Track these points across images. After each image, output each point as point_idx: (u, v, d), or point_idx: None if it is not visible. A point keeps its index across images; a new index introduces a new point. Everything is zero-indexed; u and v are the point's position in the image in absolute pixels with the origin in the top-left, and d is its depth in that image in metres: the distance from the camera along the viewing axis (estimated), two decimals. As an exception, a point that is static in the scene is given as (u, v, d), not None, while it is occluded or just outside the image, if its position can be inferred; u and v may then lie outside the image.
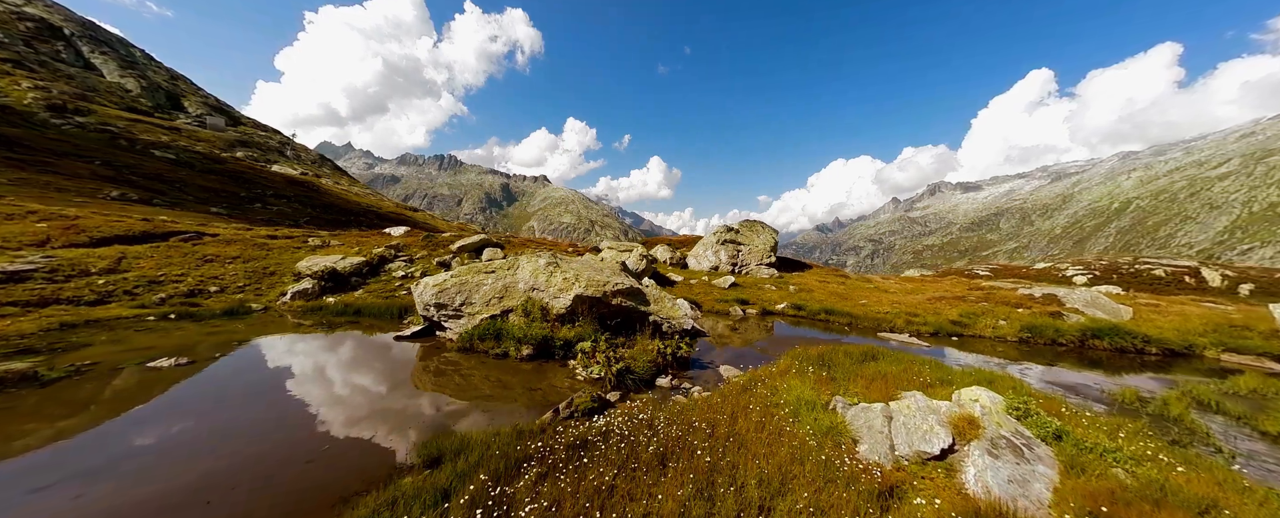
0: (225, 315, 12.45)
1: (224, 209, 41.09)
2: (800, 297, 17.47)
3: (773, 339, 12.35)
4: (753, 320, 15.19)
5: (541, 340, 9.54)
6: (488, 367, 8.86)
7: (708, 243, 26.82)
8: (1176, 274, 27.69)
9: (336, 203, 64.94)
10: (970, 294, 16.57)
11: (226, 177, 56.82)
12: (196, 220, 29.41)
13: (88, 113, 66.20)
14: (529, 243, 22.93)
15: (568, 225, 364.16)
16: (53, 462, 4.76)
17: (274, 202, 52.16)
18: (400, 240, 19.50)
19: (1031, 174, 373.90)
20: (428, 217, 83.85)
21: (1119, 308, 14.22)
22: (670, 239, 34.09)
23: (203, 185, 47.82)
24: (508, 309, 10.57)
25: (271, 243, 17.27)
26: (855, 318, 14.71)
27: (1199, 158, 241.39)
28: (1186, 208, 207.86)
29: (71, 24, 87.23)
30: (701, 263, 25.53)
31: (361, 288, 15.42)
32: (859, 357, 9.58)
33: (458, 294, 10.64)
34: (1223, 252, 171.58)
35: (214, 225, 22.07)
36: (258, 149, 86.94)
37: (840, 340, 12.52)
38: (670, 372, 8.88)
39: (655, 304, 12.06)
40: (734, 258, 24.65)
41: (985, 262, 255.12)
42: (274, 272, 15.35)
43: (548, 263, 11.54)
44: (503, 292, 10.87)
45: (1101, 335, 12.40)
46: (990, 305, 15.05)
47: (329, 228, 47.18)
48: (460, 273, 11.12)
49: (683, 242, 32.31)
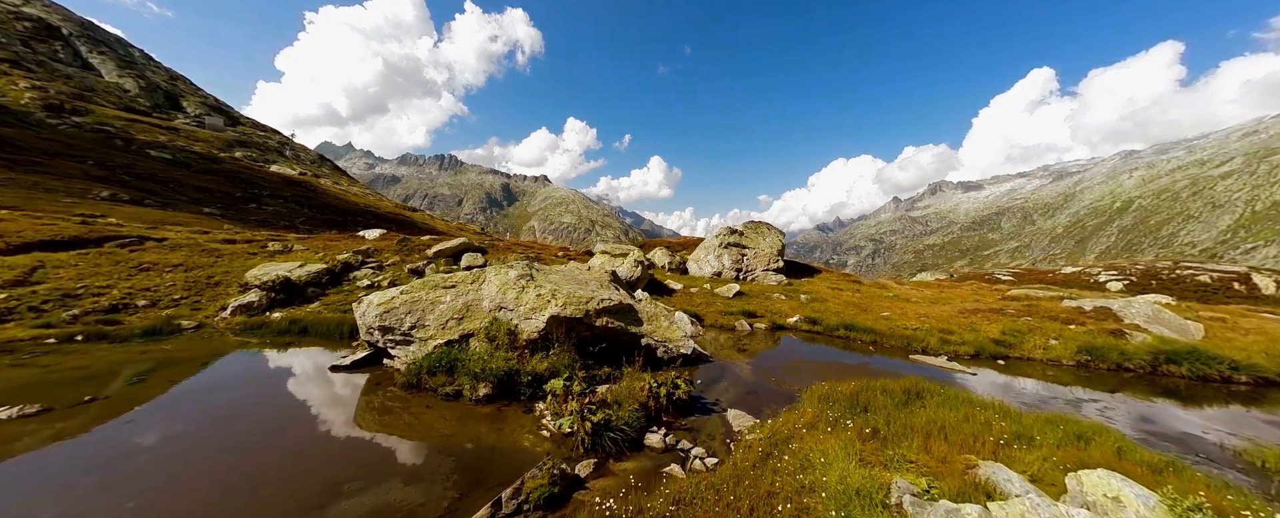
0: (146, 336, 10.45)
1: (218, 210, 39.36)
2: (814, 308, 15.38)
3: (788, 365, 10.27)
4: (762, 337, 13.11)
5: (504, 376, 7.50)
6: (432, 412, 6.83)
7: (710, 246, 24.61)
8: (1224, 280, 25.22)
9: (335, 203, 63.17)
10: (1008, 307, 14.46)
11: (223, 177, 55.09)
12: (190, 220, 27.60)
13: (85, 113, 64.63)
14: (516, 246, 20.93)
15: (568, 225, 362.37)
16: None
17: (270, 202, 50.40)
18: (373, 244, 17.50)
19: (1033, 173, 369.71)
20: (427, 217, 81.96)
21: (1186, 324, 12.12)
22: (669, 242, 31.83)
23: (198, 186, 46.10)
24: (468, 334, 8.53)
25: (225, 248, 15.28)
26: (879, 335, 12.60)
27: (1201, 157, 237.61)
28: (1189, 207, 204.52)
29: (70, 24, 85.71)
30: (703, 268, 23.67)
31: (319, 299, 13.42)
32: (901, 396, 7.51)
33: (407, 315, 8.61)
34: (1226, 251, 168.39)
35: (193, 227, 20.11)
36: (257, 149, 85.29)
37: (867, 365, 10.44)
38: (664, 419, 6.84)
39: (649, 323, 10.02)
40: (738, 263, 22.51)
41: (987, 261, 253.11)
42: (219, 282, 13.36)
43: (520, 275, 9.48)
44: (463, 311, 8.83)
45: (1178, 360, 10.29)
46: (1035, 321, 12.93)
47: (325, 228, 45.33)
48: (413, 288, 9.09)
49: (683, 244, 30.04)
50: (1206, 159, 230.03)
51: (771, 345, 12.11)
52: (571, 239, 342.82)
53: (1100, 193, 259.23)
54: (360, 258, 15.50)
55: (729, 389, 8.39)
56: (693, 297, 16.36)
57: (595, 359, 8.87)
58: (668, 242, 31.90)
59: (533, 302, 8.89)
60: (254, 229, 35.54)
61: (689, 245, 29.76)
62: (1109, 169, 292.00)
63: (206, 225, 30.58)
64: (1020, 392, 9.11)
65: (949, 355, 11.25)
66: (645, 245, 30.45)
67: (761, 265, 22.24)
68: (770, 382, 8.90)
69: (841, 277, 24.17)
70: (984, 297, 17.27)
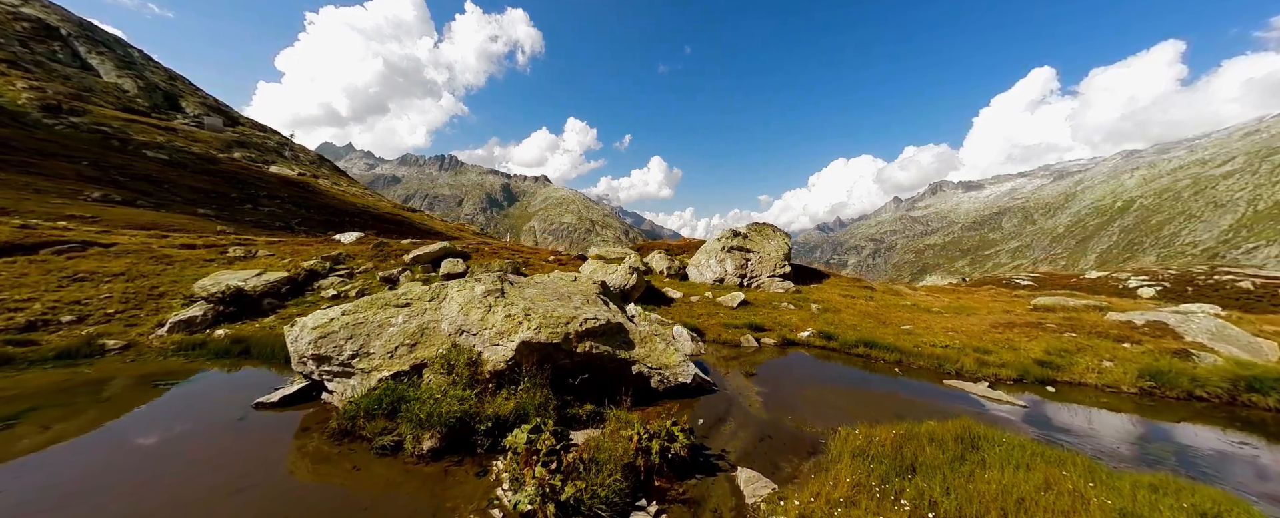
0: (61, 359, 8.91)
1: (213, 210, 38.12)
2: (827, 320, 13.74)
3: (807, 394, 8.64)
4: (771, 355, 11.48)
5: (457, 423, 5.92)
6: (360, 474, 5.25)
7: (711, 250, 22.58)
8: (1269, 287, 23.02)
9: (332, 203, 61.81)
10: (1045, 320, 12.78)
11: (219, 177, 53.78)
12: (184, 222, 26.21)
13: (83, 113, 63.46)
14: (504, 250, 19.33)
15: (569, 225, 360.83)
16: None
17: (267, 202, 49.06)
18: (347, 249, 15.94)
19: (1033, 173, 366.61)
20: (425, 217, 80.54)
21: (1257, 342, 10.48)
22: (669, 244, 30.00)
23: (193, 186, 44.81)
24: (421, 364, 6.95)
25: (180, 254, 13.72)
26: (905, 354, 10.96)
27: (1203, 156, 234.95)
28: (1191, 206, 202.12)
29: (69, 24, 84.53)
30: (704, 274, 21.85)
31: (276, 312, 11.86)
32: (954, 447, 5.89)
33: (348, 341, 7.03)
34: (1228, 250, 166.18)
35: (174, 229, 18.57)
36: (256, 149, 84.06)
37: (897, 394, 8.81)
38: (656, 485, 5.25)
39: (642, 346, 8.41)
40: (742, 268, 20.84)
41: (988, 260, 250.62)
42: (164, 293, 11.81)
43: (488, 291, 7.88)
44: (417, 336, 7.24)
45: (1263, 388, 8.63)
46: (1081, 338, 11.30)
47: (321, 229, 43.94)
48: (360, 307, 7.49)
49: (683, 247, 28.46)
50: (1208, 158, 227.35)
51: (784, 367, 10.48)
52: (572, 239, 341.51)
53: (1101, 192, 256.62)
54: (328, 264, 13.94)
55: (738, 433, 6.76)
56: (693, 307, 14.74)
57: (576, 394, 7.27)
58: (667, 244, 30.04)
59: (501, 324, 7.29)
60: (251, 230, 34.10)
61: (689, 248, 28.30)
62: (1110, 169, 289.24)
63: (200, 227, 29.25)
64: (1089, 433, 7.46)
65: (989, 381, 9.62)
66: (643, 248, 28.51)
67: (767, 271, 20.55)
68: (787, 421, 7.28)
69: (852, 282, 22.46)
70: (1014, 307, 15.55)
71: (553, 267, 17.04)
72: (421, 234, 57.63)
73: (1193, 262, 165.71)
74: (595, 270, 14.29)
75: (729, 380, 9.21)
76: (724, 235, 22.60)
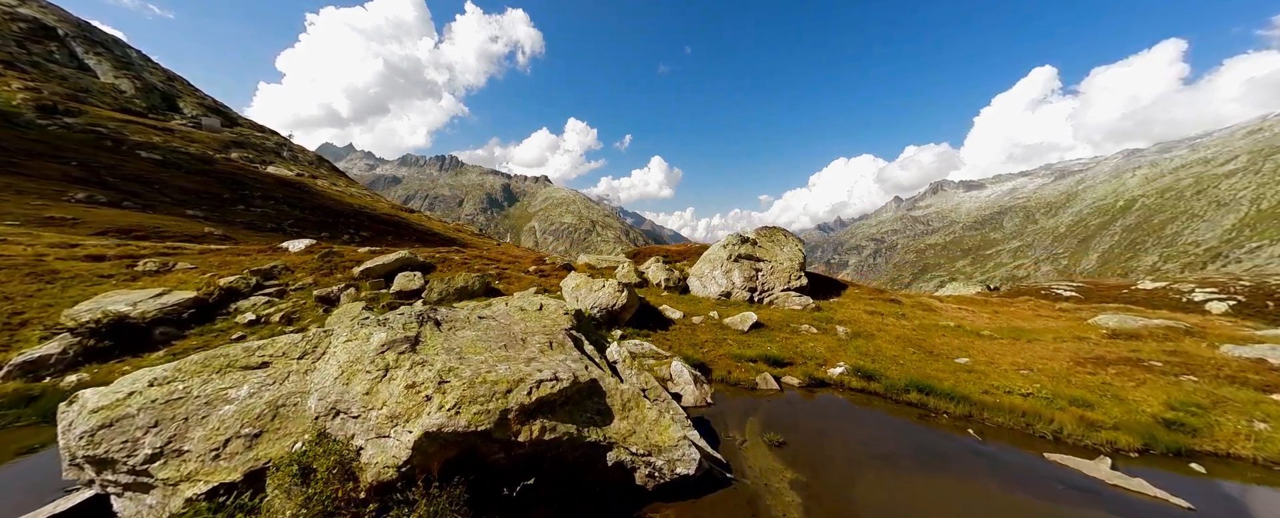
0: None
1: (202, 211, 35.80)
2: (860, 349, 10.93)
3: (863, 485, 5.84)
4: (799, 404, 8.70)
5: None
6: None
7: (716, 259, 18.79)
8: None
9: (328, 204, 59.38)
10: (1141, 352, 9.83)
11: (213, 178, 51.42)
12: (170, 224, 23.66)
13: (79, 113, 61.30)
14: (479, 259, 16.47)
15: (569, 226, 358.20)
16: None
17: (260, 203, 46.65)
18: (289, 260, 13.23)
19: (1035, 172, 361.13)
20: (423, 218, 78.10)
21: None
22: (668, 250, 26.61)
23: (185, 187, 42.44)
24: (258, 469, 4.24)
25: (70, 268, 11.03)
26: (975, 405, 8.13)
27: (1205, 155, 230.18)
28: (1193, 206, 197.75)
29: (66, 25, 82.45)
30: (708, 287, 18.01)
31: (171, 344, 9.17)
32: None
33: (151, 430, 4.33)
34: (1231, 250, 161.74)
35: (147, 231, 15.97)
36: (254, 150, 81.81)
37: (990, 485, 6.00)
38: None
39: (625, 416, 5.66)
40: (751, 280, 17.63)
41: (989, 260, 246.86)
42: (29, 320, 9.13)
43: (389, 342, 5.10)
44: (266, 419, 4.53)
45: None
46: (1206, 383, 8.42)
47: (315, 230, 41.44)
48: (183, 371, 4.75)
49: (683, 253, 25.18)
50: (1210, 158, 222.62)
51: (818, 427, 7.66)
52: (572, 239, 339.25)
53: (1103, 192, 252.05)
54: (255, 281, 11.23)
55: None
56: (696, 330, 11.95)
57: (514, 508, 4.53)
58: (666, 249, 26.73)
59: (399, 399, 4.55)
60: (241, 231, 31.55)
61: (690, 255, 24.83)
62: (1112, 168, 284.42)
63: (187, 228, 26.86)
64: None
65: (1106, 453, 6.80)
66: (640, 254, 24.68)
67: (780, 283, 17.27)
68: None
69: (875, 294, 19.42)
70: (1083, 331, 12.55)
71: (532, 279, 14.13)
72: (417, 236, 55.08)
73: (1196, 261, 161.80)
74: (578, 288, 11.40)
75: (748, 458, 6.41)
76: (730, 241, 19.54)
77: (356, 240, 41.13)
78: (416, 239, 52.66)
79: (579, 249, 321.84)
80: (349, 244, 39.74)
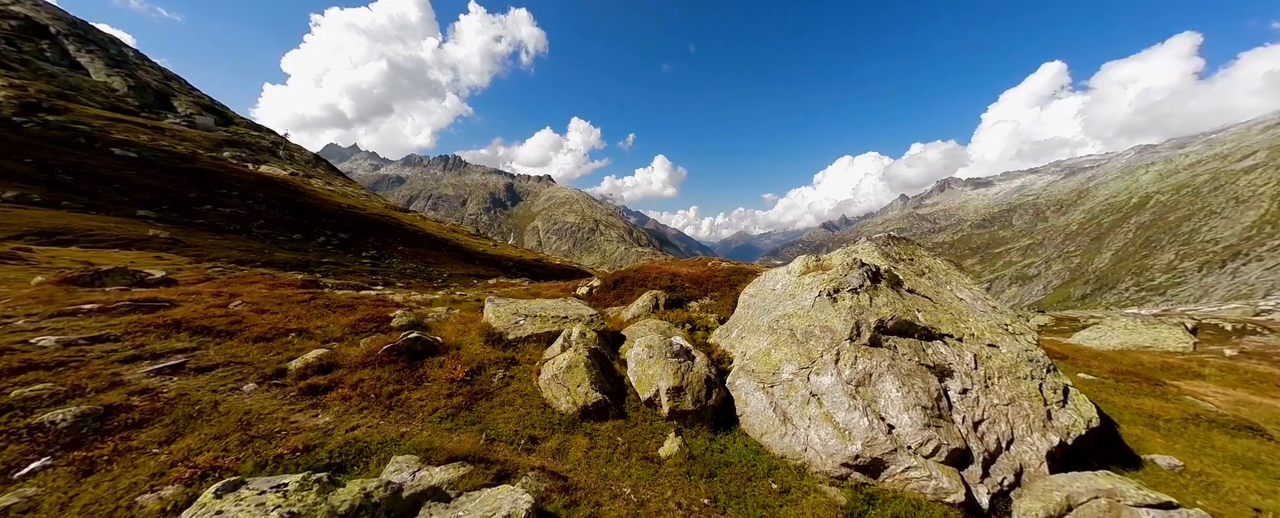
0: None
1: (157, 212, 33.61)
2: None
3: None
4: None
5: None
6: None
7: (802, 315, 7.75)
8: None
9: (316, 204, 57.29)
10: None
11: (189, 177, 49.39)
12: (105, 225, 21.33)
13: (63, 111, 59.72)
14: None
15: (572, 225, 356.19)
16: None
17: (232, 203, 44.46)
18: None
19: (1044, 169, 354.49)
20: (417, 218, 75.92)
21: None
22: (674, 273, 14.11)
23: (152, 186, 40.37)
24: None
25: None
26: None
27: (1222, 150, 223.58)
28: (1210, 202, 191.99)
29: (59, 23, 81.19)
30: (800, 423, 6.29)
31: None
32: None
33: None
34: (1252, 248, 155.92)
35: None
36: (248, 149, 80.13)
37: None
38: None
39: None
40: (937, 408, 6.37)
41: (998, 259, 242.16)
42: None
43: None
44: None
45: None
46: None
47: (285, 231, 39.22)
48: None
49: (702, 278, 13.56)
50: (1227, 153, 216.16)
51: None
52: (575, 239, 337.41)
53: (1116, 188, 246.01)
54: None
55: None
56: None
57: None
58: (672, 271, 14.32)
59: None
60: (196, 234, 29.32)
61: (715, 283, 13.14)
62: (1124, 164, 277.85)
63: (125, 230, 24.69)
64: None
65: None
66: (625, 283, 13.78)
67: (1022, 424, 6.62)
68: None
69: (1129, 381, 12.47)
70: None
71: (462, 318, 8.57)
72: (404, 238, 52.83)
73: (1214, 259, 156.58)
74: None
75: None
76: (829, 266, 9.09)
77: (333, 242, 38.71)
78: (401, 241, 50.20)
79: (582, 249, 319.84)
80: (323, 246, 37.47)
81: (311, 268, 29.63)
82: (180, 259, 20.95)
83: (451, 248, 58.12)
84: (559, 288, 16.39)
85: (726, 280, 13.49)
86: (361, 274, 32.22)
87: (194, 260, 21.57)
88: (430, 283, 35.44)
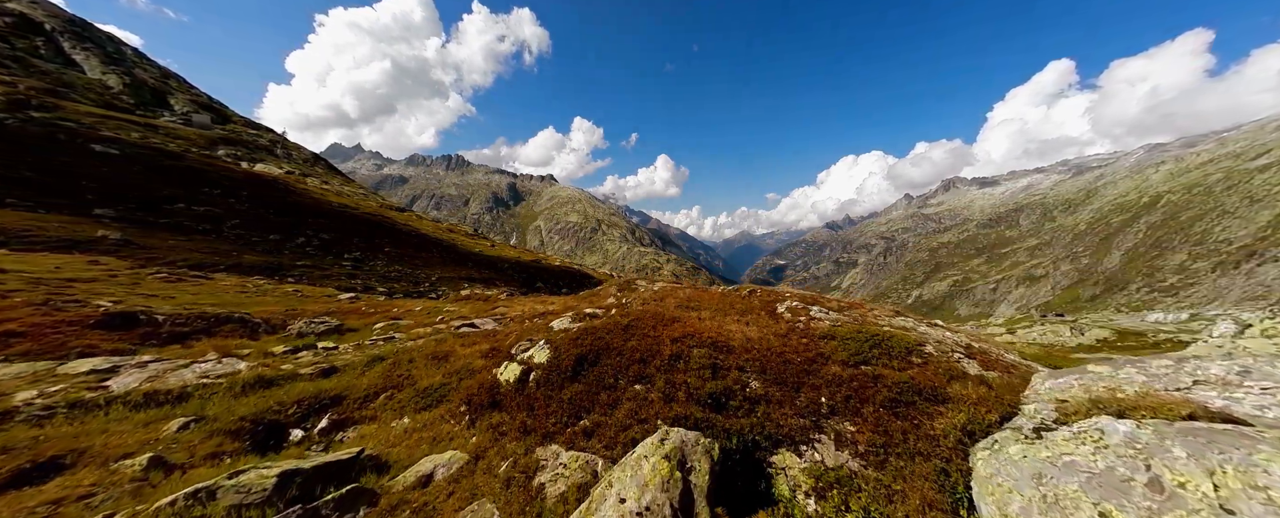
0: None
1: (116, 211, 31.47)
2: None
3: None
4: None
5: None
6: None
7: None
8: None
9: (304, 203, 55.23)
10: None
11: (168, 174, 47.42)
12: (42, 225, 19.32)
13: (53, 108, 58.08)
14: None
15: (574, 225, 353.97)
16: None
17: (210, 201, 42.29)
18: None
19: (1051, 168, 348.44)
20: (411, 218, 73.83)
21: None
22: (699, 301, 9.92)
23: (122, 182, 38.32)
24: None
25: None
26: None
27: (1234, 149, 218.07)
28: (1224, 201, 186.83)
29: (55, 20, 79.82)
30: None
31: None
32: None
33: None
34: (1268, 248, 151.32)
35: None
36: (244, 147, 78.42)
37: None
38: None
39: None
40: None
41: (1005, 259, 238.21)
42: None
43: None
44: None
45: None
46: None
47: (261, 232, 37.14)
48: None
49: (794, 355, 6.28)
50: (1240, 152, 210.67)
51: None
52: (577, 239, 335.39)
53: (1125, 188, 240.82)
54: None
55: None
56: None
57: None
58: (713, 334, 7.19)
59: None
60: (156, 234, 27.27)
61: (832, 374, 5.84)
62: (1134, 163, 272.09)
63: (77, 231, 22.69)
64: None
65: None
66: (610, 356, 7.30)
67: None
68: None
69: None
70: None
71: None
72: (394, 238, 50.74)
73: (1228, 260, 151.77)
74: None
75: None
76: None
77: (313, 243, 36.39)
78: (391, 241, 47.95)
79: (584, 249, 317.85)
80: (301, 248, 35.31)
81: (283, 272, 27.43)
82: (119, 264, 18.76)
83: (445, 248, 55.93)
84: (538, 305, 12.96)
85: (872, 384, 5.65)
86: (339, 278, 29.96)
87: (136, 265, 19.38)
88: (416, 286, 33.18)
